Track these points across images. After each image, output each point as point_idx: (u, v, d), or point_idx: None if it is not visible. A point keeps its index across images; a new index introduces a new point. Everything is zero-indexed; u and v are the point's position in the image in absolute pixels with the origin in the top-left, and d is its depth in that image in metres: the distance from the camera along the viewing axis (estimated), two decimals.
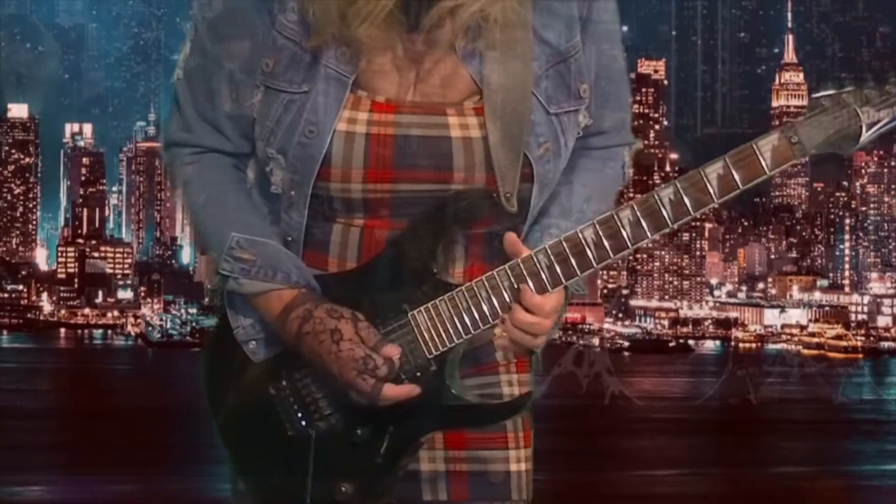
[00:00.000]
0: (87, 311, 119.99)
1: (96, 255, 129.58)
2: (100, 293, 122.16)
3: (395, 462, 2.22)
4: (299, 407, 2.22)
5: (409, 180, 2.17)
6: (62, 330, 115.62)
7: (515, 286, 2.17)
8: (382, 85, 2.20)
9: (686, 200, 2.13)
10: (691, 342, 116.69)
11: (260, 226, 2.22)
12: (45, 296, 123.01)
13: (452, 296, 2.19)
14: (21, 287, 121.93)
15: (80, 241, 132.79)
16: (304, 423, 2.23)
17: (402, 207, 2.19)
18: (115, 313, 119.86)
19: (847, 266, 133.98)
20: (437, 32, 2.16)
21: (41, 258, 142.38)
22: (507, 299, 2.18)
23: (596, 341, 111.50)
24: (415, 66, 2.20)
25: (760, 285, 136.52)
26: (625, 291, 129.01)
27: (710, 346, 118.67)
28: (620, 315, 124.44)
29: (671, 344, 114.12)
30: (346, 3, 2.16)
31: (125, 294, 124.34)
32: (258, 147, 2.21)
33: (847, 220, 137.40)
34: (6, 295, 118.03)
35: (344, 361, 2.13)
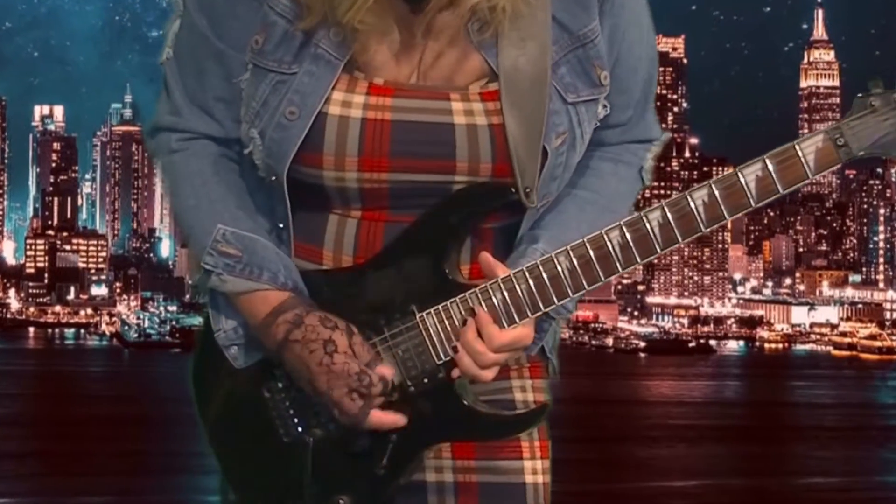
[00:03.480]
0: (57, 308, 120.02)
1: (68, 247, 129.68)
2: (72, 289, 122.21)
3: (396, 475, 2.15)
4: (296, 412, 2.16)
5: (408, 170, 2.11)
6: (31, 329, 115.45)
7: (534, 290, 2.11)
8: (382, 66, 2.14)
9: (721, 203, 2.09)
10: (713, 342, 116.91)
11: (248, 220, 2.17)
12: (12, 292, 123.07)
13: (465, 297, 2.12)
14: None
15: (51, 232, 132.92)
16: (300, 429, 2.16)
17: (401, 199, 2.13)
18: (89, 311, 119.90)
19: (881, 260, 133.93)
20: (440, 17, 2.12)
21: (8, 251, 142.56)
22: (525, 303, 2.12)
23: (610, 341, 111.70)
24: (419, 48, 2.14)
25: (788, 281, 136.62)
26: (641, 287, 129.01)
27: (733, 346, 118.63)
28: (636, 313, 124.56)
29: (691, 344, 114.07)
30: None
31: (99, 290, 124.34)
32: (242, 129, 2.16)
33: (881, 211, 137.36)
34: None
35: (336, 375, 2.08)
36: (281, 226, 2.17)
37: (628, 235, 2.10)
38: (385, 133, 2.10)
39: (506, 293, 2.11)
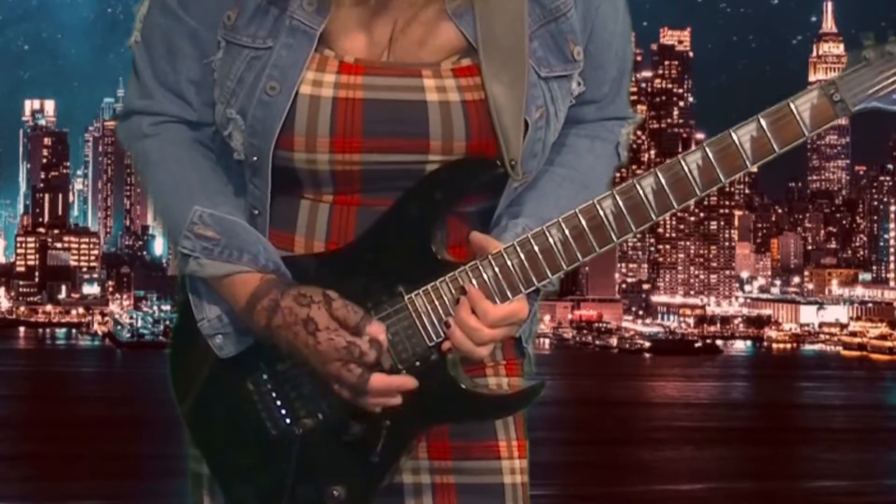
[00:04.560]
0: (49, 307, 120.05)
1: (59, 245, 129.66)
2: (63, 288, 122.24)
3: (391, 461, 2.14)
4: (283, 403, 2.15)
5: (381, 150, 2.10)
6: (21, 329, 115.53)
7: (526, 264, 2.11)
8: (352, 43, 2.14)
9: (716, 166, 2.09)
10: (719, 342, 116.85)
11: (227, 204, 2.16)
12: (2, 291, 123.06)
13: (455, 276, 2.11)
14: None
15: (42, 230, 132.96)
16: (288, 420, 2.15)
17: (374, 182, 2.12)
18: (81, 310, 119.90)
19: (892, 258, 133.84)
20: None
21: None
22: (518, 278, 2.11)
23: (614, 341, 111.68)
24: (390, 21, 2.14)
25: (796, 279, 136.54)
26: (646, 286, 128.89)
27: (740, 346, 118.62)
28: (641, 312, 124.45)
29: (697, 344, 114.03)
30: None
31: (91, 289, 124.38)
32: (217, 110, 2.15)
33: (892, 207, 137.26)
34: None
35: (324, 353, 2.06)
36: (256, 212, 2.16)
37: (621, 203, 2.10)
38: (357, 112, 2.09)
39: (497, 269, 2.10)
